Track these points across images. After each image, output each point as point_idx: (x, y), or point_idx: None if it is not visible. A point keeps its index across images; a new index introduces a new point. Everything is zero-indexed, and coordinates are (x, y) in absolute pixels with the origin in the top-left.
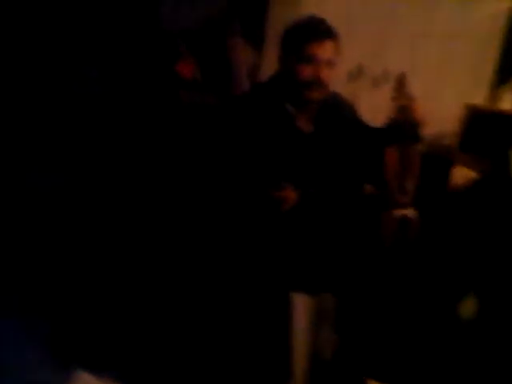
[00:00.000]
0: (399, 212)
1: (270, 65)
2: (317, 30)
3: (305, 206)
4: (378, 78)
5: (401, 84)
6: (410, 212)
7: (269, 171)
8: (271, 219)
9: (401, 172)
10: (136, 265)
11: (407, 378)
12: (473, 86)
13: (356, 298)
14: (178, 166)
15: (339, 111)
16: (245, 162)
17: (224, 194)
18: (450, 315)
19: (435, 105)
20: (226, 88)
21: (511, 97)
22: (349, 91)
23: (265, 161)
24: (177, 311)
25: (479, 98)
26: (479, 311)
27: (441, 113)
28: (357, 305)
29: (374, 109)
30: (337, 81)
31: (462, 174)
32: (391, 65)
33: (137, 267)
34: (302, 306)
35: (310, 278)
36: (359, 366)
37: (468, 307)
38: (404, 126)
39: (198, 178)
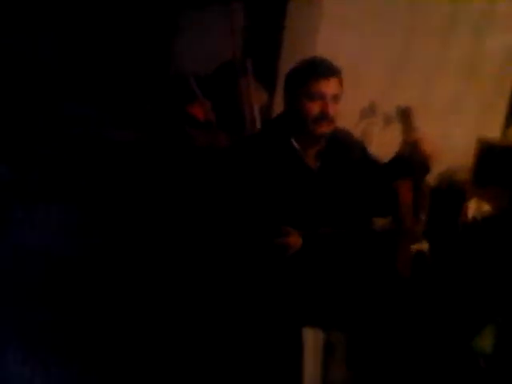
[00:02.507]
0: (415, 246)
1: (281, 105)
2: (322, 68)
3: (312, 247)
4: (390, 115)
5: (407, 118)
6: (424, 246)
7: (275, 215)
8: (278, 264)
9: (414, 204)
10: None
11: None
12: (487, 121)
13: (369, 333)
14: (187, 209)
15: (347, 148)
16: (251, 206)
17: (230, 241)
18: (466, 349)
19: (449, 140)
20: (239, 129)
21: None
22: (361, 129)
23: (272, 202)
24: (190, 351)
25: (494, 133)
26: (497, 345)
27: (455, 147)
28: (370, 341)
29: (387, 146)
30: (349, 118)
31: (476, 207)
32: (404, 102)
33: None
34: (312, 341)
35: (322, 314)
36: None
37: (485, 341)
38: (412, 159)
39: (203, 223)
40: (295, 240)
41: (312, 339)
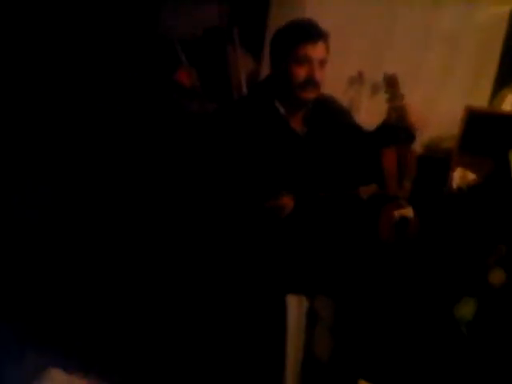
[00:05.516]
0: (398, 212)
1: (268, 72)
2: (309, 31)
3: (302, 211)
4: (377, 84)
5: (392, 85)
6: (408, 212)
7: (266, 178)
8: (269, 226)
9: (398, 171)
10: (135, 268)
11: (403, 381)
12: (474, 89)
13: (353, 299)
14: (177, 174)
15: (333, 114)
16: (242, 169)
17: (222, 203)
18: (447, 317)
19: (436, 108)
20: (226, 96)
21: None
22: (349, 97)
23: (261, 166)
24: (174, 313)
25: (481, 100)
26: (478, 313)
27: (442, 116)
28: (354, 306)
29: (374, 114)
30: (337, 87)
31: (462, 176)
32: (391, 70)
33: (135, 271)
34: (296, 307)
35: (307, 280)
36: (355, 369)
37: (466, 309)
38: (397, 126)
39: (195, 186)
40: (288, 202)
41: (296, 307)
